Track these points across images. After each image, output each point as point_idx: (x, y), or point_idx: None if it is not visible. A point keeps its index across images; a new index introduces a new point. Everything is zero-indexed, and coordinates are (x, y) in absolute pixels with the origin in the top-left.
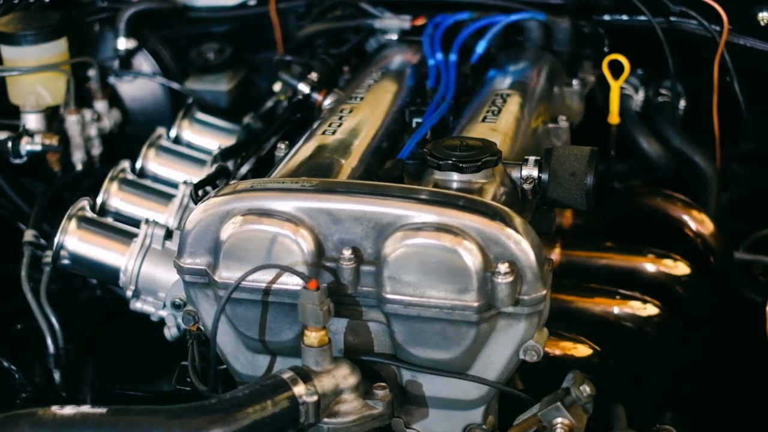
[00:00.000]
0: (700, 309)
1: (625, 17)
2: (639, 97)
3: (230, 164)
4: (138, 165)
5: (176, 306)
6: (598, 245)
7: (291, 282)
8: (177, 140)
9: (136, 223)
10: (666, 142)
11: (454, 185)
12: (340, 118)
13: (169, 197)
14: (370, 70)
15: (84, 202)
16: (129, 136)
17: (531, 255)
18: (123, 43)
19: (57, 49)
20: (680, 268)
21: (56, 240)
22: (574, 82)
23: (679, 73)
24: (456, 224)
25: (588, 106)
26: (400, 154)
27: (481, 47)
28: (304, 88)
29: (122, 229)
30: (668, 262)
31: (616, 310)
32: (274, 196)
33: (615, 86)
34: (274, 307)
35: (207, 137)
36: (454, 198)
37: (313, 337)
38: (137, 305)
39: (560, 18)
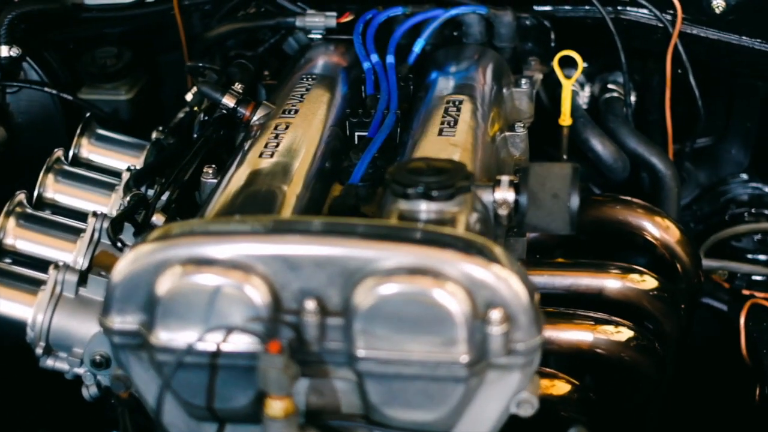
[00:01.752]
0: (672, 325)
1: (567, 7)
2: (585, 93)
3: (145, 190)
4: (35, 194)
5: (97, 364)
6: (556, 263)
7: (244, 342)
8: (75, 161)
9: (39, 264)
10: (620, 142)
11: (423, 215)
12: (276, 137)
13: (76, 232)
14: (298, 76)
15: None
16: (17, 157)
17: (524, 297)
18: (4, 51)
19: None
20: (648, 282)
21: None
22: (523, 81)
23: (628, 67)
24: (436, 266)
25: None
26: (352, 178)
27: (418, 46)
28: (228, 101)
29: (25, 275)
30: (634, 276)
31: (589, 337)
32: (219, 240)
33: (567, 85)
34: (224, 370)
35: (111, 156)
36: (432, 234)
37: (277, 407)
38: (48, 363)
39: (503, 11)
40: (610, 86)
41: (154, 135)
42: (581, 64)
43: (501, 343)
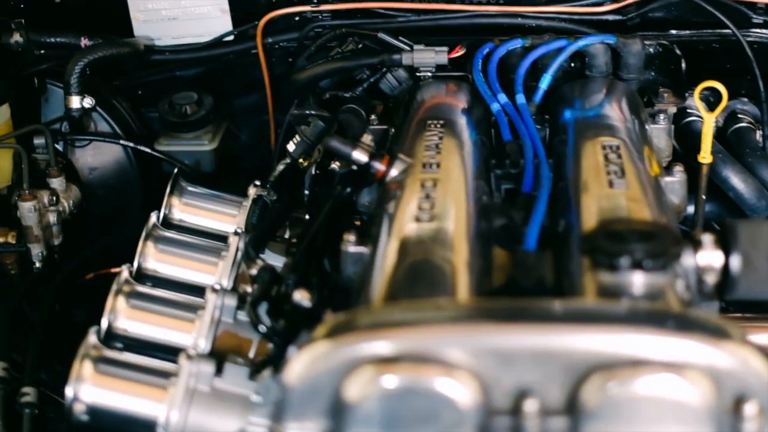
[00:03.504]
0: None
1: (687, 32)
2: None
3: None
4: (135, 265)
5: None
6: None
7: None
8: (167, 223)
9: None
10: (760, 179)
11: (634, 290)
12: (427, 197)
13: (191, 309)
14: (418, 121)
15: (93, 338)
16: (90, 217)
17: None
18: (76, 102)
19: None
20: None
21: (69, 389)
22: (661, 116)
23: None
24: (678, 356)
25: None
26: (526, 243)
27: (545, 82)
28: (360, 156)
29: (147, 366)
30: None
31: None
32: (415, 332)
33: (709, 119)
34: None
35: (205, 216)
36: (668, 318)
37: None
38: None
39: (631, 39)
40: (739, 115)
41: (252, 191)
42: (726, 97)
43: None
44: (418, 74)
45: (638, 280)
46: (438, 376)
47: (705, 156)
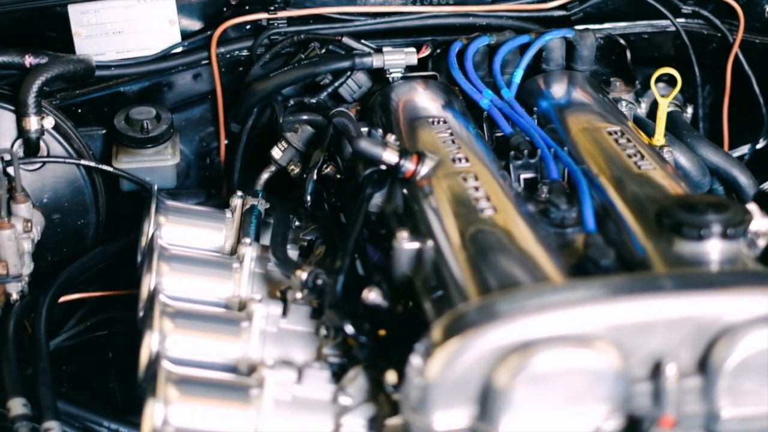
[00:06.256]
0: None
1: (623, 24)
2: (642, 109)
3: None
4: (151, 285)
5: None
6: None
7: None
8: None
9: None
10: (699, 155)
11: (715, 257)
12: (476, 189)
13: (234, 323)
14: (425, 120)
15: (166, 361)
16: (44, 243)
17: None
18: (34, 123)
19: None
20: None
21: (158, 414)
22: (624, 104)
23: (689, 78)
24: None
25: None
26: (586, 226)
27: (518, 76)
28: (391, 156)
29: (229, 382)
30: None
31: None
32: (557, 312)
33: (664, 104)
34: None
35: (191, 233)
36: None
37: None
38: None
39: (585, 33)
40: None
41: (238, 202)
42: (679, 82)
43: None
44: (387, 75)
45: (719, 248)
46: (583, 352)
47: (659, 138)
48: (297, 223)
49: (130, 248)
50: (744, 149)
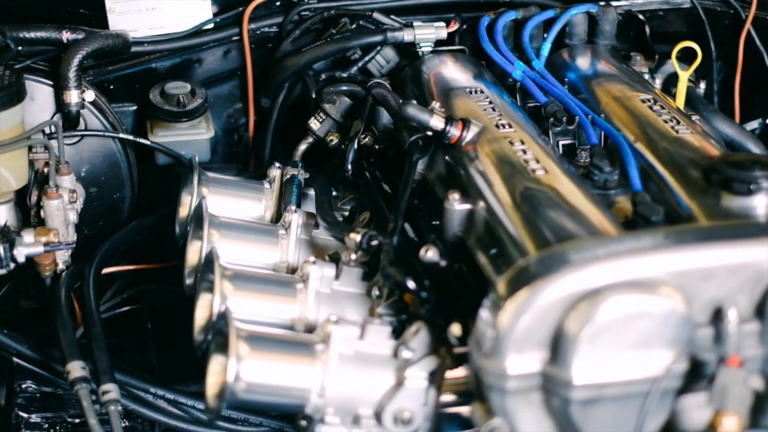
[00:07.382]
0: None
1: (641, 0)
2: (657, 83)
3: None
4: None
5: (404, 422)
6: None
7: (669, 362)
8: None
9: None
10: (713, 128)
11: (762, 211)
12: (524, 152)
13: (288, 285)
14: (462, 91)
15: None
16: (83, 218)
17: None
18: (75, 96)
19: (13, 119)
20: None
21: (231, 369)
22: (646, 76)
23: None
24: None
25: None
26: (633, 186)
27: (546, 49)
28: (437, 123)
29: (293, 339)
30: None
31: None
32: (626, 260)
33: (684, 77)
34: (637, 398)
35: (232, 203)
36: None
37: (732, 424)
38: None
39: (608, 7)
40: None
41: (277, 172)
42: (699, 56)
43: None
44: (417, 49)
45: (765, 202)
46: (650, 298)
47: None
48: (334, 193)
49: (166, 221)
50: (754, 124)
